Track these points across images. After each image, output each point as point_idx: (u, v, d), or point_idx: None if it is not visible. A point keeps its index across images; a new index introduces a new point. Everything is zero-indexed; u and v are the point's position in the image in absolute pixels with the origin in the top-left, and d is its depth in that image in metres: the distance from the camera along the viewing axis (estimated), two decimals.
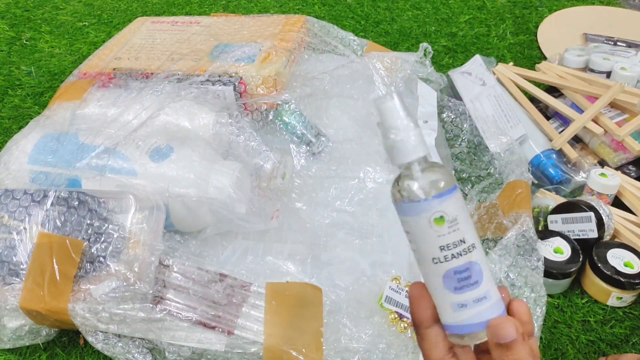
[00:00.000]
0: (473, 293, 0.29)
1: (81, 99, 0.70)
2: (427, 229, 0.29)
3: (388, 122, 0.29)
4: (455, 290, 0.29)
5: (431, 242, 0.29)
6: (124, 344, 0.53)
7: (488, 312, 0.30)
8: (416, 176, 0.29)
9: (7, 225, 0.55)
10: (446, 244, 0.29)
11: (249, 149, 0.64)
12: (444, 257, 0.29)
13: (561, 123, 0.78)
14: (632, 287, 0.59)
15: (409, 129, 0.29)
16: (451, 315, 0.30)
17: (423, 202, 0.29)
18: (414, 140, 0.29)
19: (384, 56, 0.79)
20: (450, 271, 0.29)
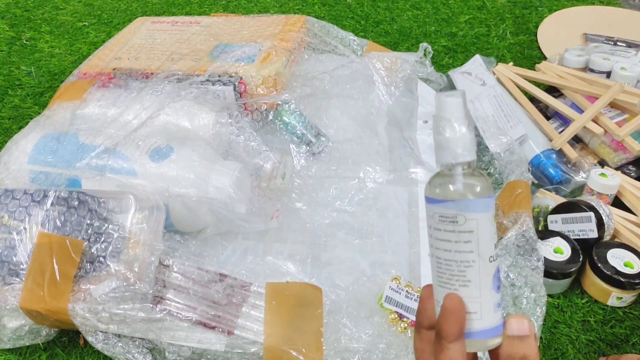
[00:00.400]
0: (499, 295, 0.30)
1: (81, 99, 0.70)
2: (490, 226, 0.29)
3: (456, 118, 0.29)
4: (497, 290, 0.30)
5: (491, 239, 0.29)
6: (124, 344, 0.53)
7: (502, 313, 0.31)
8: (477, 174, 0.29)
9: (7, 225, 0.55)
10: (496, 241, 0.30)
11: (249, 149, 0.64)
12: (496, 254, 0.30)
13: (561, 123, 0.78)
14: (632, 287, 0.59)
15: (472, 129, 0.29)
16: (492, 317, 0.30)
17: (492, 198, 0.29)
18: (474, 141, 0.30)
19: (384, 56, 0.79)
20: (497, 269, 0.30)
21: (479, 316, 0.30)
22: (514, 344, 0.29)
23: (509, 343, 0.29)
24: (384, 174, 0.71)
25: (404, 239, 0.64)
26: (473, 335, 0.30)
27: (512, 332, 0.29)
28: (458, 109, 0.29)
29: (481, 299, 0.30)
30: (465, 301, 0.29)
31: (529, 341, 0.29)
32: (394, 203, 0.68)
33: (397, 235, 0.64)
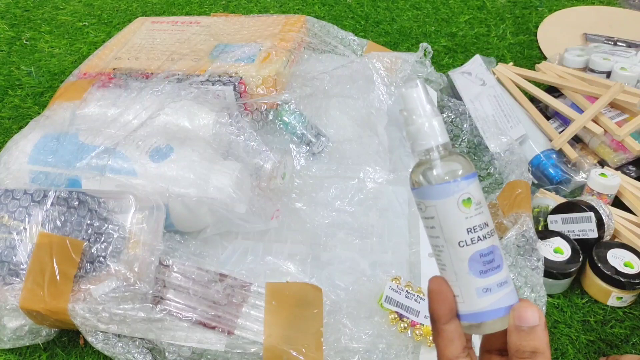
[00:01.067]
0: (497, 277, 0.30)
1: (81, 99, 0.70)
2: (455, 211, 0.29)
3: (413, 109, 0.30)
4: (480, 274, 0.30)
5: (459, 224, 0.30)
6: (124, 344, 0.53)
7: (510, 298, 0.30)
8: (444, 159, 0.30)
9: (7, 225, 0.55)
10: (472, 226, 0.30)
11: (249, 149, 0.64)
12: (471, 239, 0.30)
13: (561, 123, 0.78)
14: (632, 287, 0.59)
15: (433, 115, 0.30)
16: (475, 302, 0.30)
17: (452, 183, 0.29)
18: (438, 126, 0.30)
19: (384, 56, 0.79)
20: (476, 254, 0.30)
21: (461, 299, 0.30)
22: (522, 335, 0.28)
23: (517, 335, 0.28)
24: (384, 174, 0.71)
25: (404, 239, 0.64)
26: (461, 318, 0.30)
27: (520, 322, 0.28)
28: (412, 100, 0.30)
29: (458, 283, 0.30)
30: (449, 285, 0.30)
31: (539, 332, 0.27)
32: (394, 203, 0.68)
33: (397, 235, 0.64)
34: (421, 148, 0.30)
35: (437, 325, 0.30)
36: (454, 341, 0.30)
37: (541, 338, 0.27)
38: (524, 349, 0.27)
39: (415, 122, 0.30)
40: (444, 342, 0.30)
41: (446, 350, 0.30)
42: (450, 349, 0.30)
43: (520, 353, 0.28)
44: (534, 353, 0.27)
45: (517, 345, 0.28)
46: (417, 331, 0.53)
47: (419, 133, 0.30)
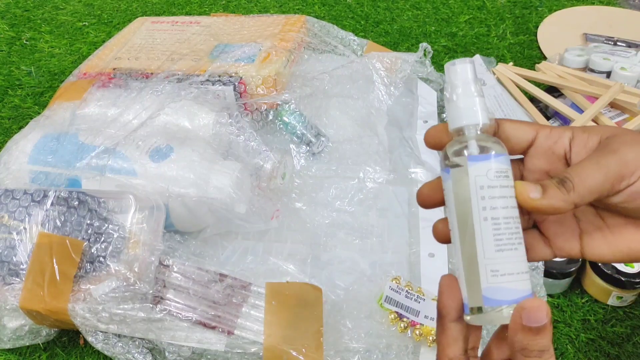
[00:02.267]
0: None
1: (81, 99, 0.70)
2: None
3: (469, 84, 0.29)
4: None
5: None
6: (124, 344, 0.53)
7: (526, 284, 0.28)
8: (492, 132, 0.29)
9: (7, 225, 0.55)
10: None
11: (249, 149, 0.64)
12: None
13: (561, 123, 0.78)
14: (632, 286, 0.59)
15: (482, 94, 0.29)
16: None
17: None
18: (486, 105, 0.29)
19: (384, 56, 0.79)
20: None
21: (529, 276, 0.28)
22: (528, 335, 0.26)
23: (523, 334, 0.26)
24: (384, 174, 0.71)
25: (404, 239, 0.64)
26: (530, 295, 0.28)
27: (529, 321, 0.26)
28: (465, 74, 0.29)
29: (527, 247, 0.29)
30: (523, 259, 0.28)
31: (546, 333, 0.26)
32: (394, 203, 0.68)
33: (397, 235, 0.64)
34: (476, 120, 0.29)
35: (443, 321, 0.29)
36: (457, 341, 0.29)
37: (549, 338, 0.26)
38: (531, 349, 0.26)
39: (474, 94, 0.29)
40: (447, 340, 0.29)
41: (448, 349, 0.29)
42: (452, 348, 0.29)
43: (526, 352, 0.26)
44: (542, 353, 0.26)
45: (522, 344, 0.26)
46: (417, 331, 0.53)
47: (473, 105, 0.29)
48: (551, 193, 0.28)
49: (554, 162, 0.31)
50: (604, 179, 0.27)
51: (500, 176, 0.28)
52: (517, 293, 0.27)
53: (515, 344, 0.27)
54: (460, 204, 0.29)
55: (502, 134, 0.31)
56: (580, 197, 0.27)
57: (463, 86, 0.29)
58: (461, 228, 0.29)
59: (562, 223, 0.31)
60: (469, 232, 0.28)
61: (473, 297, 0.28)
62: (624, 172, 0.27)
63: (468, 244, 0.28)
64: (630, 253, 0.30)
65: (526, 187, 0.28)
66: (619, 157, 0.28)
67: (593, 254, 0.31)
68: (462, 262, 0.29)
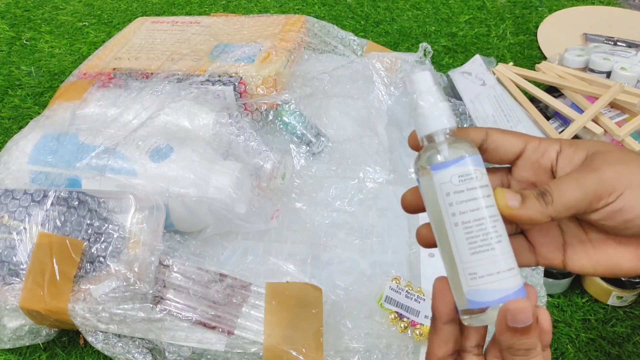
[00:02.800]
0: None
1: (81, 99, 0.70)
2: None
3: (429, 92, 0.29)
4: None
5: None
6: (124, 344, 0.53)
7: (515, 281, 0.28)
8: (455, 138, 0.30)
9: (7, 225, 0.55)
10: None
11: (249, 149, 0.64)
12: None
13: (561, 123, 0.78)
14: (632, 286, 0.59)
15: (443, 99, 0.30)
16: (519, 271, 0.28)
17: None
18: (448, 110, 0.30)
19: (383, 56, 0.79)
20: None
21: (516, 271, 0.28)
22: (515, 335, 0.26)
23: (510, 334, 0.26)
24: (384, 174, 0.71)
25: (404, 239, 0.64)
26: (519, 294, 0.28)
27: (515, 322, 0.26)
28: (431, 80, 0.30)
29: (513, 252, 0.29)
30: (503, 258, 0.28)
31: (533, 331, 0.26)
32: (394, 203, 0.68)
33: (397, 235, 0.64)
34: (440, 127, 0.29)
35: (437, 323, 0.30)
36: (448, 342, 0.30)
37: (535, 335, 0.27)
38: (517, 348, 0.27)
39: (439, 103, 0.29)
40: (439, 341, 0.30)
41: (437, 349, 0.30)
42: (442, 349, 0.30)
43: (512, 351, 0.27)
44: (529, 352, 0.27)
45: (509, 343, 0.27)
46: (417, 331, 0.53)
47: (439, 112, 0.29)
48: (529, 204, 0.28)
49: (541, 174, 0.31)
50: (581, 197, 0.28)
51: (466, 179, 0.28)
52: (500, 293, 0.28)
53: (502, 342, 0.27)
54: (432, 211, 0.29)
55: (491, 143, 0.31)
56: (557, 211, 0.28)
57: (424, 94, 0.30)
58: (437, 233, 0.29)
59: (547, 233, 0.32)
60: (444, 237, 0.29)
61: (459, 300, 0.29)
62: (602, 192, 0.28)
63: (445, 248, 0.29)
64: (610, 268, 0.30)
65: (506, 194, 0.28)
66: (598, 175, 0.28)
67: (574, 266, 0.31)
68: (445, 266, 0.30)
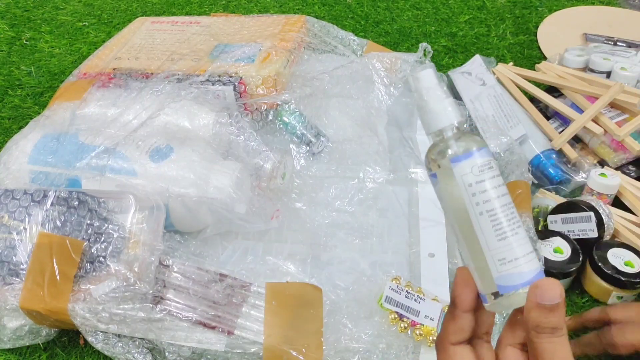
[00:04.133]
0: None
1: (81, 99, 0.70)
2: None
3: (435, 88, 0.30)
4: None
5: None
6: (124, 344, 0.53)
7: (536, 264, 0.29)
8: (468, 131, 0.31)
9: (7, 225, 0.55)
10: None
11: (249, 149, 0.64)
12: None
13: (561, 123, 0.78)
14: (632, 286, 0.59)
15: (449, 95, 0.30)
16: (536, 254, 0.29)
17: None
18: (455, 105, 0.30)
19: (383, 56, 0.79)
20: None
21: (534, 254, 0.29)
22: (543, 313, 0.27)
23: (538, 311, 0.27)
24: (384, 174, 0.71)
25: (404, 239, 0.64)
26: (539, 275, 0.29)
27: (543, 299, 0.27)
28: (431, 77, 0.30)
29: (528, 240, 0.30)
30: (525, 242, 0.29)
31: (560, 310, 0.27)
32: (394, 203, 0.68)
33: (397, 235, 0.64)
34: (450, 122, 0.30)
35: (456, 311, 0.30)
36: (464, 331, 0.30)
37: (562, 317, 0.27)
38: (545, 326, 0.27)
39: (444, 98, 0.30)
40: (455, 328, 0.30)
41: (453, 336, 0.30)
42: (457, 336, 0.30)
43: (540, 329, 0.27)
44: (554, 330, 0.27)
45: (536, 321, 0.27)
46: (417, 331, 0.53)
47: (448, 107, 0.30)
48: None
49: None
50: None
51: (485, 169, 0.29)
52: (528, 275, 0.29)
53: (530, 321, 0.27)
54: (454, 204, 0.30)
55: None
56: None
57: (430, 91, 0.30)
58: (461, 226, 0.30)
59: None
60: (469, 228, 0.29)
61: (488, 287, 0.29)
62: None
63: (471, 239, 0.29)
64: None
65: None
66: None
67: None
68: (470, 257, 0.30)
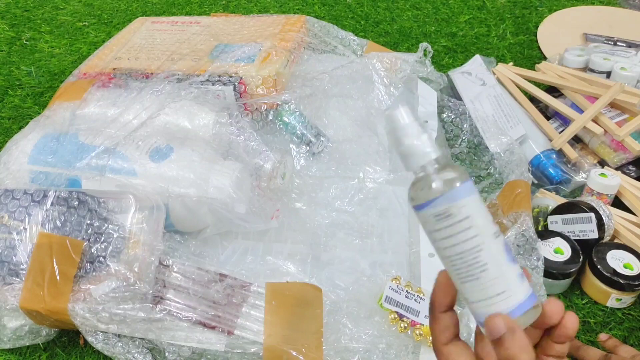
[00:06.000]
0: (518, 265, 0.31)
1: (81, 99, 0.70)
2: (481, 204, 0.30)
3: (408, 124, 0.30)
4: (514, 262, 0.30)
5: (487, 216, 0.30)
6: (124, 344, 0.53)
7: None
8: (449, 165, 0.31)
9: (7, 225, 0.55)
10: (491, 218, 0.30)
11: (249, 149, 0.64)
12: (497, 229, 0.30)
13: (561, 123, 0.78)
14: (631, 288, 0.59)
15: (424, 129, 0.31)
16: (520, 288, 0.30)
17: (471, 181, 0.30)
18: (429, 141, 0.31)
19: (383, 56, 0.79)
20: (505, 242, 0.30)
21: (508, 293, 0.30)
22: (497, 345, 0.29)
23: (495, 345, 0.29)
24: (384, 174, 0.71)
25: (404, 239, 0.64)
26: (513, 314, 0.30)
27: (492, 335, 0.29)
28: (405, 116, 0.30)
29: (504, 276, 0.30)
30: (490, 285, 0.30)
31: (509, 339, 0.28)
32: (394, 203, 0.68)
33: (397, 235, 0.64)
34: (427, 158, 0.30)
35: (435, 312, 0.32)
36: (449, 328, 0.32)
37: (513, 345, 0.28)
38: (500, 358, 0.29)
39: (413, 137, 0.30)
40: (440, 328, 0.32)
41: (441, 336, 0.32)
42: (445, 335, 0.32)
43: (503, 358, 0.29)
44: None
45: (487, 351, 0.30)
46: (417, 331, 0.53)
47: (420, 146, 0.30)
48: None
49: None
50: None
51: (442, 218, 0.30)
52: (487, 314, 0.30)
53: (497, 354, 0.30)
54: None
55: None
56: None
57: (404, 129, 0.30)
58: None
59: None
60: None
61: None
62: None
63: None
64: None
65: None
66: None
67: None
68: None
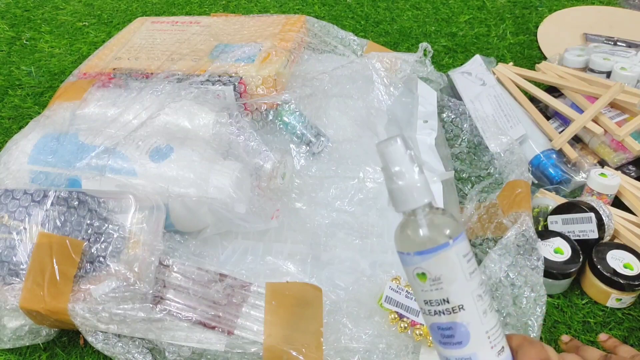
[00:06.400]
0: (456, 352, 0.29)
1: (81, 99, 0.70)
2: (412, 280, 0.29)
3: (392, 167, 0.29)
4: (440, 344, 0.30)
5: (417, 294, 0.29)
6: (124, 344, 0.53)
7: None
8: (416, 225, 0.29)
9: (7, 225, 0.55)
10: (429, 299, 0.29)
11: (249, 149, 0.64)
12: (428, 310, 0.29)
13: (561, 123, 0.78)
14: (631, 288, 0.59)
15: (413, 175, 0.29)
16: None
17: (406, 255, 0.29)
18: (419, 186, 0.29)
19: (383, 56, 0.79)
20: (434, 325, 0.29)
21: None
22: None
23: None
24: None
25: None
26: None
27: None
28: (398, 154, 0.29)
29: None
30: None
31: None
32: None
33: None
34: (402, 209, 0.29)
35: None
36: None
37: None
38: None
39: (397, 181, 0.29)
40: None
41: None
42: None
43: None
44: None
45: None
46: (417, 331, 0.53)
47: (400, 192, 0.29)
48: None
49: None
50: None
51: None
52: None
53: None
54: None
55: None
56: None
57: (397, 167, 0.29)
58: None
59: None
60: None
61: None
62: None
63: None
64: None
65: None
66: None
67: None
68: None
